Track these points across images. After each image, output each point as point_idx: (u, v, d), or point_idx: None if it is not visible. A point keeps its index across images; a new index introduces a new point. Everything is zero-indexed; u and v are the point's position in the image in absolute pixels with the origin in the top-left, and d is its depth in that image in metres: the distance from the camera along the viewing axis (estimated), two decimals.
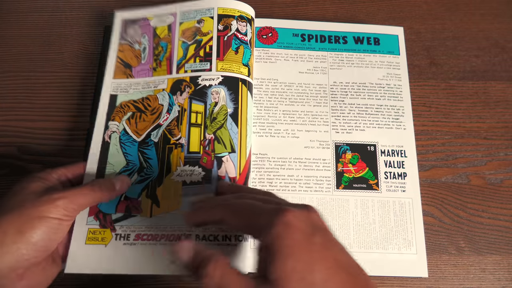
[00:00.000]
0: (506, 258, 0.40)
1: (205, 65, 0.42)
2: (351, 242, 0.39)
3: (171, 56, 0.43)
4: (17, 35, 0.49)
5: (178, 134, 0.39)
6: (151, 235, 0.35)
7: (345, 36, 0.47)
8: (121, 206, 0.37)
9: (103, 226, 0.36)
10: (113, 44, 0.44)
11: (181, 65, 0.42)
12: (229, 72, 0.41)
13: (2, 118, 0.44)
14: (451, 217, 0.42)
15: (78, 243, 0.35)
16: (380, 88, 0.45)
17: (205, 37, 0.43)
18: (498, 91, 0.47)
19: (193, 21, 0.44)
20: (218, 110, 0.40)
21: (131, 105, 0.41)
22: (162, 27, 0.45)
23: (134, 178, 0.38)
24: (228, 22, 0.43)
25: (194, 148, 0.39)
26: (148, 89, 0.42)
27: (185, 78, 0.41)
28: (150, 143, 0.39)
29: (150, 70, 0.43)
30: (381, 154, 0.42)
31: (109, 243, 0.35)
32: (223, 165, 0.38)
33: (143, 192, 0.37)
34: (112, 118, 0.40)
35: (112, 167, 0.38)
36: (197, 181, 0.37)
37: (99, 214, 0.36)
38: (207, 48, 0.42)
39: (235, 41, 0.43)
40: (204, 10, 0.44)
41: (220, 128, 0.39)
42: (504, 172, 0.44)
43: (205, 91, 0.40)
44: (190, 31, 0.44)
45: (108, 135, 0.40)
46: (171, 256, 0.34)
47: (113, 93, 0.42)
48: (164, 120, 0.40)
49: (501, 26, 0.51)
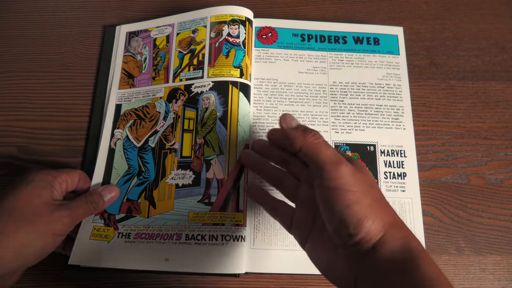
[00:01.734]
0: (506, 258, 0.40)
1: (198, 73, 0.43)
2: None
3: (168, 66, 0.45)
4: (17, 35, 0.49)
5: (172, 139, 0.41)
6: (148, 234, 0.37)
7: (344, 36, 0.47)
8: (123, 207, 0.39)
9: (107, 224, 0.38)
10: (118, 56, 0.46)
11: (177, 74, 0.44)
12: (219, 77, 0.42)
13: (2, 118, 0.44)
14: (451, 217, 0.42)
15: (83, 237, 0.37)
16: (380, 88, 0.45)
17: (198, 46, 0.45)
18: (498, 91, 0.47)
19: (188, 31, 0.46)
20: (208, 115, 0.41)
21: (133, 113, 0.43)
22: (161, 38, 0.46)
23: (134, 181, 0.40)
24: (219, 28, 0.44)
25: (186, 153, 0.40)
26: (148, 98, 0.44)
27: (180, 86, 0.43)
28: (148, 148, 0.41)
29: (150, 79, 0.45)
30: (381, 154, 0.42)
31: (111, 240, 0.37)
32: (211, 167, 0.39)
33: (142, 194, 0.40)
34: (117, 126, 0.43)
35: (116, 172, 0.41)
36: (188, 183, 0.39)
37: (104, 214, 0.39)
38: (200, 56, 0.44)
39: (226, 45, 0.44)
40: (198, 20, 0.46)
41: (210, 132, 0.40)
42: (504, 172, 0.44)
43: (197, 98, 0.42)
44: (185, 41, 0.45)
45: (113, 142, 0.42)
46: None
47: (118, 102, 0.44)
48: (160, 126, 0.42)
49: (501, 26, 0.51)
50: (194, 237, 0.37)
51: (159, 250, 0.36)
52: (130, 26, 0.48)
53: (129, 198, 0.40)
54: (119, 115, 0.43)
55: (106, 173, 0.41)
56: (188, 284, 0.39)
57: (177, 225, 0.37)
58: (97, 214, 0.39)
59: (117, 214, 0.39)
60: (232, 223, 0.37)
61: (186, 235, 0.37)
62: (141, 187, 0.40)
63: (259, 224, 0.39)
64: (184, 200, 0.38)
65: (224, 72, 0.42)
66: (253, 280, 0.39)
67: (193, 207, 0.38)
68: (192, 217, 0.38)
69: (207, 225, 0.37)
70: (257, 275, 0.39)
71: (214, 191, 0.38)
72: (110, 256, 0.37)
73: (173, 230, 0.37)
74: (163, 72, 0.45)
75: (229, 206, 0.38)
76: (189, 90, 0.43)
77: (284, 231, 0.39)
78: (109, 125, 0.43)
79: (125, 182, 0.40)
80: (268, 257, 0.38)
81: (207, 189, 0.38)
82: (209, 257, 0.36)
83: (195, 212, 0.38)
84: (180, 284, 0.38)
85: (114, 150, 0.42)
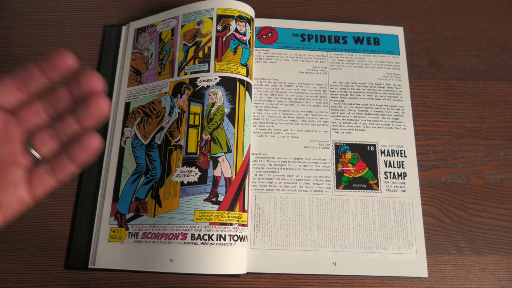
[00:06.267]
0: (506, 258, 0.40)
1: (204, 66, 0.42)
2: (351, 242, 0.39)
3: (173, 60, 0.44)
4: (17, 35, 0.49)
5: (177, 136, 0.40)
6: (153, 233, 0.37)
7: (345, 36, 0.47)
8: (132, 206, 0.39)
9: (120, 225, 0.39)
10: (127, 54, 0.46)
11: (181, 68, 0.43)
12: (227, 73, 0.41)
13: None
14: (451, 217, 0.42)
15: (103, 241, 0.38)
16: (380, 88, 0.45)
17: (204, 38, 0.43)
18: (498, 91, 0.47)
19: (193, 23, 0.44)
20: (215, 110, 0.40)
21: (141, 110, 0.43)
22: (166, 31, 0.45)
23: (142, 180, 0.40)
24: (227, 22, 0.43)
25: (191, 149, 0.39)
26: (154, 94, 0.43)
27: (185, 80, 0.42)
28: (154, 146, 0.41)
29: (156, 75, 0.44)
30: (381, 154, 0.42)
31: (124, 241, 0.38)
32: (219, 165, 0.38)
33: (149, 193, 0.39)
34: (126, 124, 0.43)
35: (126, 171, 0.41)
36: (193, 181, 0.38)
37: (117, 214, 0.39)
38: (206, 49, 0.43)
39: (234, 41, 0.43)
40: (204, 11, 0.44)
41: (217, 128, 0.39)
42: (504, 172, 0.44)
43: (203, 92, 0.41)
44: (190, 33, 0.44)
45: (123, 141, 0.42)
46: None
47: (127, 101, 0.44)
48: (166, 122, 0.41)
49: (501, 26, 0.51)
50: (201, 237, 0.36)
51: (164, 250, 0.36)
52: (138, 23, 0.47)
53: (137, 197, 0.39)
54: (128, 113, 0.43)
55: (117, 172, 0.41)
56: (188, 284, 0.39)
57: (183, 224, 0.37)
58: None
59: (127, 214, 0.39)
60: (239, 223, 0.37)
61: (192, 234, 0.36)
62: (148, 186, 0.40)
63: (259, 224, 0.39)
64: (189, 199, 0.37)
65: (232, 68, 0.41)
66: (253, 280, 0.39)
67: (199, 206, 0.37)
68: (198, 216, 0.37)
69: (214, 225, 0.36)
70: (257, 275, 0.39)
71: (222, 190, 0.37)
72: (122, 257, 0.37)
73: (178, 230, 0.37)
74: (168, 66, 0.44)
75: (236, 206, 0.37)
76: (194, 84, 0.41)
77: (284, 231, 0.39)
78: (119, 124, 0.43)
79: (133, 181, 0.40)
80: (268, 257, 0.38)
81: (214, 188, 0.37)
82: (214, 257, 0.35)
83: (201, 211, 0.37)
84: (180, 284, 0.38)
85: (124, 149, 0.42)
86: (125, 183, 0.40)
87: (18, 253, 0.39)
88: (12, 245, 0.39)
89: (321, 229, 0.39)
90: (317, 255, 0.38)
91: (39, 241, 0.40)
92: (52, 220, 0.40)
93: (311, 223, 0.40)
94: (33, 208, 0.41)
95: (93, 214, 0.40)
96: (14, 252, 0.39)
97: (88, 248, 0.38)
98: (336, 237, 0.39)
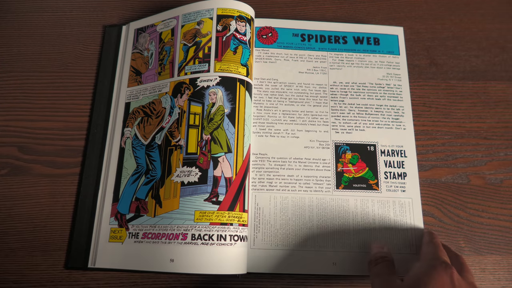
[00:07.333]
0: (506, 258, 0.40)
1: (204, 66, 0.42)
2: (351, 242, 0.39)
3: (173, 60, 0.44)
4: (17, 35, 0.49)
5: (178, 136, 0.40)
6: (154, 233, 0.37)
7: (345, 36, 0.47)
8: (132, 206, 0.39)
9: (120, 225, 0.39)
10: (127, 54, 0.46)
11: (182, 68, 0.43)
12: (227, 73, 0.41)
13: (2, 118, 0.44)
14: (451, 217, 0.42)
15: (103, 241, 0.38)
16: (380, 88, 0.45)
17: (204, 38, 0.43)
18: (498, 91, 0.47)
19: (193, 23, 0.44)
20: (215, 110, 0.40)
21: (141, 110, 0.43)
22: (166, 31, 0.46)
23: (142, 180, 0.40)
24: (227, 22, 0.43)
25: (191, 149, 0.39)
26: (154, 94, 0.43)
27: (185, 80, 0.42)
28: (155, 146, 0.41)
29: (156, 75, 0.44)
30: (381, 154, 0.42)
31: (124, 241, 0.38)
32: (219, 165, 0.38)
33: (149, 193, 0.39)
34: (127, 125, 0.43)
35: (126, 171, 0.41)
36: (194, 181, 0.38)
37: (117, 214, 0.39)
38: (206, 49, 0.43)
39: (234, 41, 0.43)
40: (204, 11, 0.44)
41: (217, 128, 0.39)
42: (504, 172, 0.44)
43: (203, 92, 0.41)
44: (190, 33, 0.44)
45: (123, 141, 0.42)
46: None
47: (127, 101, 0.44)
48: (166, 122, 0.41)
49: (501, 26, 0.51)
50: (201, 237, 0.36)
51: (165, 251, 0.36)
52: (138, 23, 0.48)
53: (137, 197, 0.40)
54: (128, 113, 0.43)
55: (117, 173, 0.41)
56: (188, 284, 0.39)
57: (183, 224, 0.37)
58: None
59: (127, 214, 0.39)
60: (239, 223, 0.37)
61: (192, 234, 0.36)
62: (148, 186, 0.40)
63: (259, 224, 0.39)
64: (190, 199, 0.38)
65: (232, 68, 0.42)
66: (253, 280, 0.39)
67: (199, 206, 0.37)
68: (199, 216, 0.37)
69: (214, 225, 0.36)
70: (257, 275, 0.39)
71: (222, 190, 0.37)
72: (122, 257, 0.37)
73: (179, 230, 0.37)
74: (168, 66, 0.44)
75: (237, 206, 0.37)
76: (194, 84, 0.41)
77: (284, 231, 0.39)
78: (119, 124, 0.43)
79: (134, 181, 0.40)
80: (268, 257, 0.38)
81: (214, 188, 0.38)
82: (214, 257, 0.35)
83: (201, 211, 0.37)
84: (180, 284, 0.38)
85: (124, 149, 0.42)
86: (125, 183, 0.40)
87: (18, 253, 0.39)
88: (12, 245, 0.39)
89: (321, 229, 0.39)
90: (317, 255, 0.38)
91: (39, 241, 0.40)
92: (52, 220, 0.40)
93: (311, 223, 0.40)
94: (33, 208, 0.41)
95: (93, 214, 0.40)
96: (14, 252, 0.39)
97: (88, 248, 0.38)
98: (336, 237, 0.39)
